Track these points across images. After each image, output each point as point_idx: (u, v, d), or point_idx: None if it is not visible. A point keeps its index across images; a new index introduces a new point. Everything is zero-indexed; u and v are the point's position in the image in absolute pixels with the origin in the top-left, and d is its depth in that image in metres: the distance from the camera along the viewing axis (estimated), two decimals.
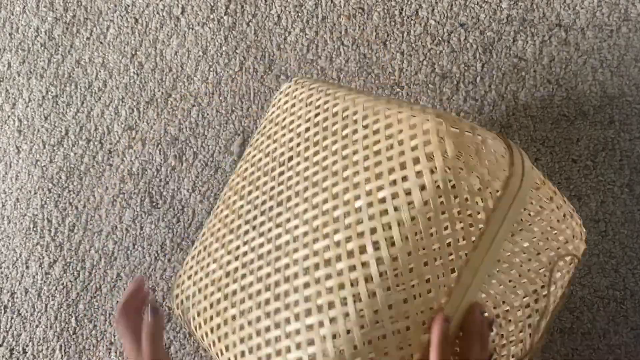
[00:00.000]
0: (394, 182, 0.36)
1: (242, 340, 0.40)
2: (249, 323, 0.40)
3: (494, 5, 0.72)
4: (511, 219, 0.38)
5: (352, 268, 0.35)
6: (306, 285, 0.37)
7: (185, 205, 0.71)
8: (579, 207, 0.66)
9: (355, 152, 0.39)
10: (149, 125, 0.73)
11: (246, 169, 0.49)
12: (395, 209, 0.35)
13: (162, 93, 0.74)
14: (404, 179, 0.35)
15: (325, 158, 0.41)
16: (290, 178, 0.43)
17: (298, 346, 0.36)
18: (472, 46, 0.71)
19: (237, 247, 0.44)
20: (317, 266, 0.37)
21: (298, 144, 0.44)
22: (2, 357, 0.70)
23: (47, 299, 0.70)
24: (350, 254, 0.36)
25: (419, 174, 0.35)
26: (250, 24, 0.74)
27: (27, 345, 0.70)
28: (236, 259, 0.44)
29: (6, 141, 0.75)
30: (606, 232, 0.66)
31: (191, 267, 0.49)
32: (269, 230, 0.42)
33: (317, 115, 0.44)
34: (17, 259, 0.72)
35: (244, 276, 0.42)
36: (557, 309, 0.46)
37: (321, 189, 0.40)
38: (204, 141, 0.72)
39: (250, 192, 0.47)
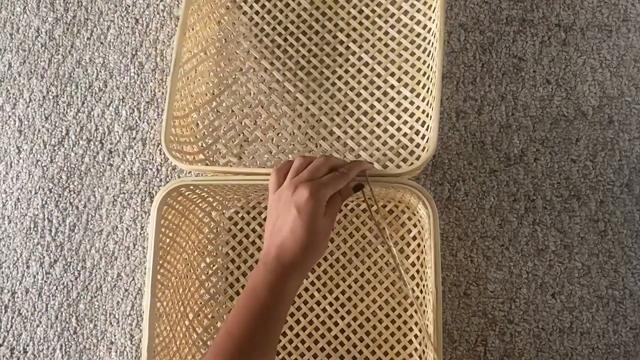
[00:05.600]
0: None
1: None
2: None
3: (493, 5, 0.72)
4: None
5: None
6: None
7: None
8: (578, 207, 0.67)
9: None
10: (149, 125, 0.73)
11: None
12: None
13: (163, 93, 0.74)
14: None
15: None
16: None
17: None
18: (472, 46, 0.71)
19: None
20: None
21: None
22: (3, 356, 0.70)
23: (47, 299, 0.71)
24: None
25: None
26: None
27: (27, 345, 0.70)
28: None
29: (7, 141, 0.75)
30: (605, 231, 0.66)
31: None
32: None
33: None
34: (18, 259, 0.72)
35: None
36: None
37: None
38: None
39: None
